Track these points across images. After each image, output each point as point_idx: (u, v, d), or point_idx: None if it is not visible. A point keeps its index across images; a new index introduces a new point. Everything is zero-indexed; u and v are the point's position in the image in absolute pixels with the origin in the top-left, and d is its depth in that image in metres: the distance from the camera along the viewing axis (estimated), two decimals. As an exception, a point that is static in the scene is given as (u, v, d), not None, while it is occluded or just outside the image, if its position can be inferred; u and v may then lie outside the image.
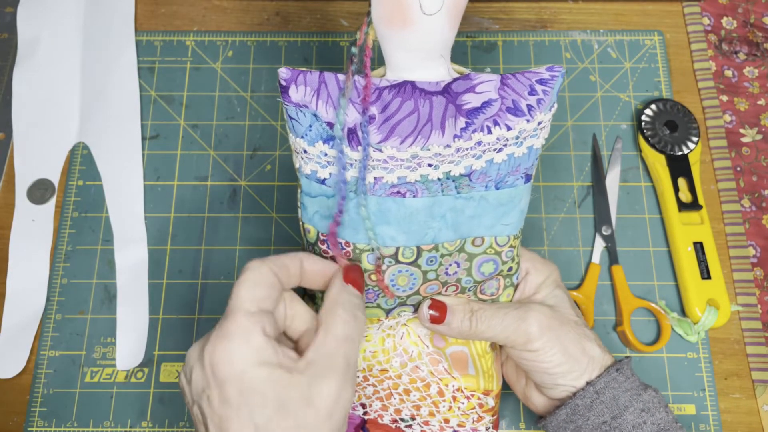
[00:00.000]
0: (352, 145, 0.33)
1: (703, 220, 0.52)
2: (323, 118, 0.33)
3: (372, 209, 0.34)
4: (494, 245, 0.37)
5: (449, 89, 0.33)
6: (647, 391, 0.38)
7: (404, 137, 0.33)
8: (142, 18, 0.61)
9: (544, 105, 0.34)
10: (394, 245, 0.35)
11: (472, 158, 0.34)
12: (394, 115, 0.33)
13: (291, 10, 0.62)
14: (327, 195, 0.35)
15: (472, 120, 0.33)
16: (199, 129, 0.57)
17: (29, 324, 0.51)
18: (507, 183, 0.36)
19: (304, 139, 0.34)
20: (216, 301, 0.52)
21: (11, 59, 0.60)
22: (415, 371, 0.40)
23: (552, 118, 0.35)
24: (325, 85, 0.33)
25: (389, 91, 0.33)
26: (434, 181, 0.34)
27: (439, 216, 0.35)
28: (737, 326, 0.52)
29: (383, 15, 0.32)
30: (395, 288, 0.37)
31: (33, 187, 0.55)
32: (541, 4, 0.61)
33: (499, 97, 0.34)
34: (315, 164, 0.35)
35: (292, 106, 0.33)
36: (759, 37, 0.62)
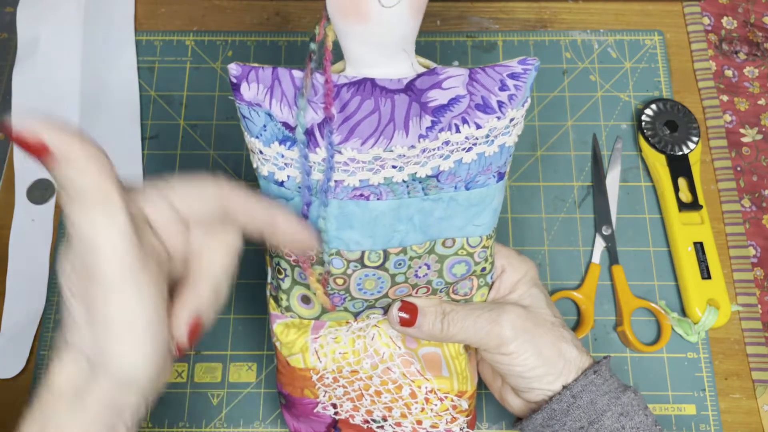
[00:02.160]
0: (311, 148, 0.31)
1: (703, 220, 0.52)
2: (278, 117, 0.31)
3: (334, 213, 0.32)
4: (466, 246, 0.35)
5: (413, 86, 0.31)
6: (626, 394, 0.37)
7: (365, 138, 0.31)
8: (142, 18, 0.61)
9: (516, 101, 0.32)
10: (359, 249, 0.33)
11: (439, 159, 0.32)
12: (354, 115, 0.31)
13: (291, 10, 0.62)
14: (286, 198, 0.33)
15: (439, 118, 0.31)
16: (199, 129, 0.57)
17: (29, 324, 0.51)
18: (478, 183, 0.33)
19: (259, 140, 0.32)
20: (216, 301, 0.52)
21: (11, 59, 0.60)
22: (386, 373, 0.38)
23: (525, 114, 0.33)
24: (279, 83, 0.31)
25: (348, 88, 0.31)
26: (399, 183, 0.32)
27: (406, 219, 0.33)
28: (737, 326, 0.52)
29: (338, 8, 0.29)
30: (362, 292, 0.35)
31: (33, 186, 0.55)
32: (541, 4, 0.61)
33: (467, 93, 0.31)
34: (272, 165, 0.33)
35: (245, 104, 0.31)
36: (759, 36, 0.62)
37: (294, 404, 0.41)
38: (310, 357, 0.39)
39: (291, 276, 0.36)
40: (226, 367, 0.51)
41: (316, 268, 0.34)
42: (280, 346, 0.40)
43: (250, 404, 0.49)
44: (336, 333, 0.39)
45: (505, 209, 0.54)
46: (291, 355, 0.40)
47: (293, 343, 0.39)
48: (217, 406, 0.50)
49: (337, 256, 0.34)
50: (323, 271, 0.34)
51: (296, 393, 0.40)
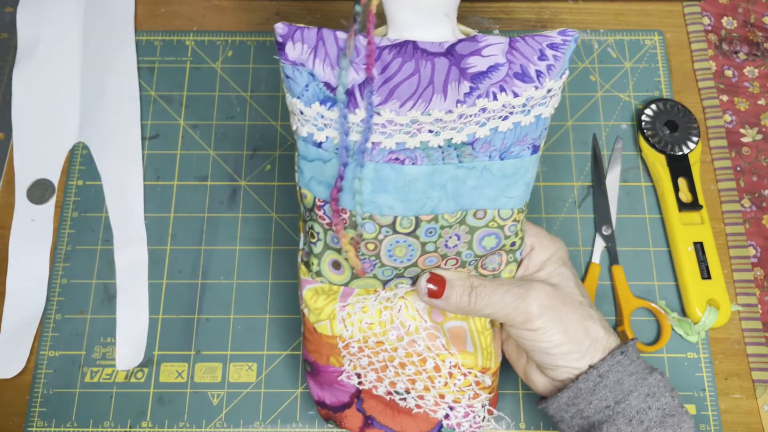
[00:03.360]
0: (350, 108, 0.32)
1: (703, 220, 0.52)
2: (320, 77, 0.32)
3: (369, 176, 0.33)
4: (497, 218, 0.36)
5: (453, 51, 0.31)
6: (653, 375, 0.37)
7: (404, 100, 0.31)
8: (142, 18, 0.61)
9: (555, 71, 0.32)
10: (392, 214, 0.34)
11: (475, 125, 0.32)
12: (394, 77, 0.31)
13: (291, 10, 0.62)
14: (323, 159, 0.34)
15: (477, 85, 0.31)
16: (199, 129, 0.57)
17: (29, 324, 0.51)
18: (512, 153, 0.34)
19: (300, 100, 0.33)
20: (216, 301, 0.52)
21: (11, 59, 0.60)
22: (411, 345, 0.39)
23: (563, 86, 0.33)
24: (323, 43, 0.31)
25: (389, 50, 0.31)
26: (435, 149, 0.33)
27: (439, 185, 0.33)
28: (737, 326, 0.52)
29: None
30: (392, 258, 0.36)
31: (33, 186, 0.55)
32: (541, 4, 0.61)
33: (506, 61, 0.32)
34: (312, 126, 0.33)
35: (289, 64, 0.32)
36: (759, 36, 0.62)
37: (319, 372, 0.41)
38: (338, 325, 0.39)
39: (324, 240, 0.37)
40: (226, 367, 0.51)
41: (349, 231, 0.34)
42: (308, 313, 0.40)
43: (250, 404, 0.49)
44: (364, 302, 0.39)
45: (505, 209, 0.54)
46: (318, 322, 0.40)
47: (321, 310, 0.39)
48: (217, 406, 0.50)
49: (370, 221, 0.34)
50: (355, 235, 0.34)
51: (322, 360, 0.40)
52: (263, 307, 0.52)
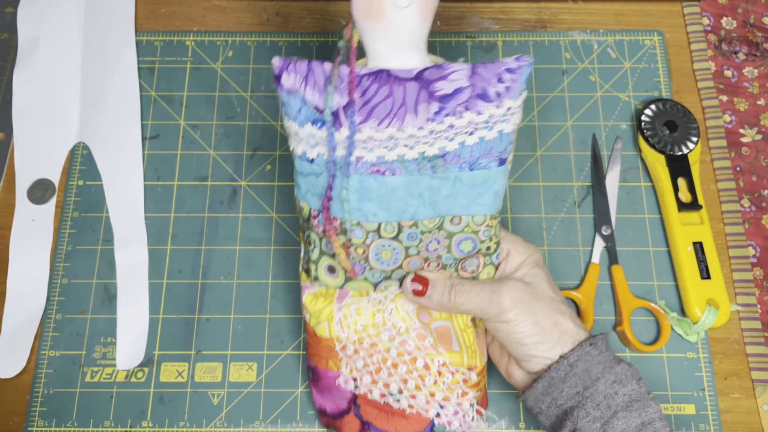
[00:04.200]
0: (335, 127, 0.37)
1: (702, 220, 0.52)
2: (310, 102, 0.37)
3: (355, 186, 0.38)
4: (471, 224, 0.40)
5: (422, 76, 0.36)
6: (620, 365, 0.39)
7: (381, 119, 0.36)
8: (142, 18, 0.61)
9: (513, 92, 0.36)
10: (376, 221, 0.38)
11: (445, 140, 0.37)
12: (372, 99, 0.36)
13: (291, 10, 0.62)
14: (316, 174, 0.39)
15: (445, 105, 0.36)
16: (199, 129, 0.57)
17: (29, 324, 0.51)
18: (480, 165, 0.38)
19: (294, 122, 0.38)
20: (216, 301, 0.52)
21: (11, 59, 0.60)
22: (402, 345, 0.42)
23: (522, 104, 0.37)
24: (313, 73, 0.37)
25: (368, 77, 0.36)
26: (411, 161, 0.37)
27: (416, 194, 0.38)
28: (737, 326, 0.52)
29: (360, 9, 0.35)
30: (379, 262, 0.40)
31: (33, 187, 0.55)
32: (540, 4, 0.61)
33: (470, 84, 0.36)
34: (305, 145, 0.38)
35: (284, 92, 0.37)
36: (759, 37, 0.62)
37: (320, 377, 0.44)
38: (335, 326, 0.43)
39: (319, 247, 0.41)
40: (226, 367, 0.51)
41: (340, 237, 0.39)
42: (309, 317, 0.44)
43: (251, 404, 0.49)
44: (358, 303, 0.43)
45: (505, 209, 0.55)
46: (318, 324, 0.43)
47: (320, 312, 0.43)
48: (217, 406, 0.50)
49: (358, 227, 0.39)
50: (346, 240, 0.39)
51: (322, 364, 0.43)
52: (263, 306, 0.52)
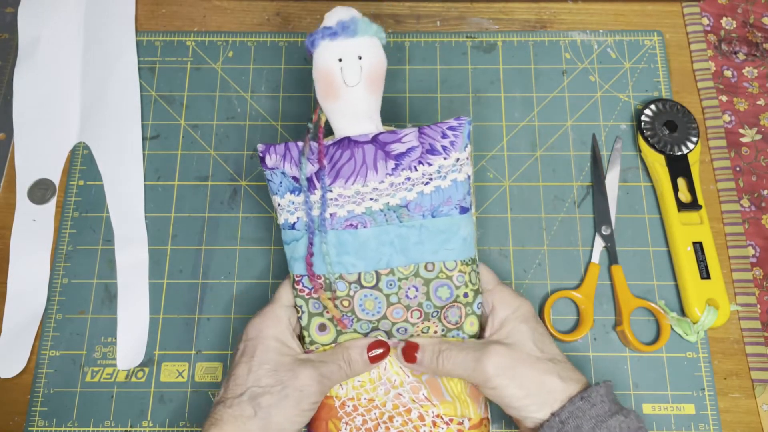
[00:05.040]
0: (310, 190, 0.42)
1: (702, 220, 0.52)
2: (289, 174, 0.43)
3: (333, 241, 0.42)
4: (444, 269, 0.43)
5: (377, 139, 0.42)
6: (614, 417, 0.39)
7: (347, 177, 0.42)
8: (143, 18, 0.61)
9: (457, 146, 0.42)
10: (355, 271, 0.42)
11: (404, 191, 0.42)
12: (338, 162, 0.42)
13: (291, 11, 0.62)
14: (296, 238, 0.43)
15: (400, 162, 0.42)
16: (200, 129, 0.57)
17: (30, 324, 0.51)
18: (442, 212, 0.42)
19: (277, 195, 0.43)
20: (216, 301, 0.52)
21: (12, 59, 0.60)
22: (397, 398, 0.45)
23: (470, 157, 0.42)
24: (289, 151, 0.43)
25: (333, 146, 0.43)
26: (377, 212, 0.42)
27: (387, 242, 0.42)
28: (736, 326, 0.52)
29: (321, 93, 0.42)
30: (365, 312, 0.43)
31: (34, 186, 0.55)
32: (540, 5, 0.61)
33: (419, 143, 0.42)
34: (287, 213, 0.43)
35: (268, 170, 0.43)
36: (758, 37, 0.62)
37: None
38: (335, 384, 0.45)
39: (307, 311, 0.44)
40: (226, 367, 0.51)
41: (326, 293, 0.43)
42: None
43: (251, 404, 0.49)
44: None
45: (504, 209, 0.55)
46: None
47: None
48: (217, 406, 0.50)
49: (340, 279, 0.43)
50: (332, 293, 0.43)
51: (321, 428, 0.45)
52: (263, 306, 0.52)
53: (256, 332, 0.42)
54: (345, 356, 0.43)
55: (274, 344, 0.42)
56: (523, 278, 0.53)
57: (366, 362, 0.44)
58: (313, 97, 0.44)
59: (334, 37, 0.42)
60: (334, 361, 0.43)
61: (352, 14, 0.42)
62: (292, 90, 0.58)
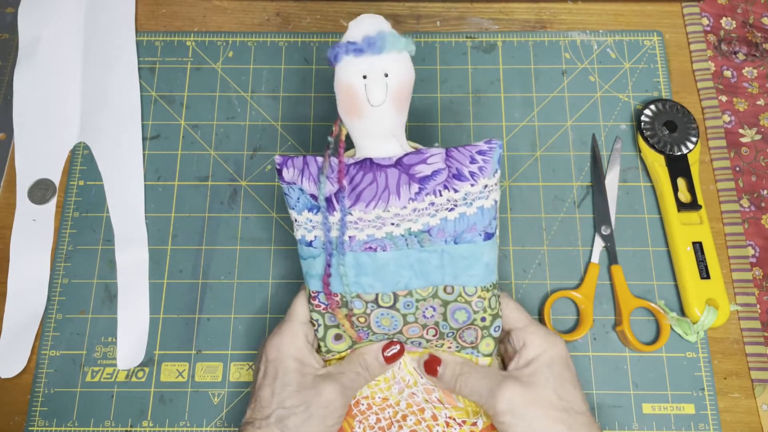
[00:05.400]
0: (329, 211, 0.41)
1: (702, 220, 0.52)
2: (307, 191, 0.41)
3: (351, 263, 0.41)
4: (463, 294, 0.41)
5: (401, 162, 0.40)
6: None
7: (368, 202, 0.40)
8: (143, 18, 0.61)
9: (487, 171, 0.40)
10: (373, 292, 0.41)
11: (427, 216, 0.40)
12: (359, 185, 0.40)
13: (291, 11, 0.62)
14: (314, 256, 0.42)
15: (425, 185, 0.40)
16: (200, 129, 0.57)
17: (30, 324, 0.51)
18: (465, 239, 0.40)
19: (294, 210, 0.42)
20: (216, 301, 0.52)
21: (12, 59, 0.60)
22: (411, 397, 0.45)
23: (498, 181, 0.41)
24: (308, 166, 0.41)
25: (354, 167, 0.40)
26: (398, 237, 0.41)
27: (407, 266, 0.41)
28: (736, 326, 0.52)
29: (343, 109, 0.40)
30: (380, 328, 0.43)
31: (34, 186, 0.55)
32: (540, 5, 0.62)
33: (446, 166, 0.40)
34: (304, 230, 0.42)
35: (285, 184, 0.42)
36: (758, 37, 0.62)
37: None
38: None
39: (323, 324, 0.44)
40: (226, 367, 0.51)
41: (342, 309, 0.42)
42: None
43: (251, 404, 0.50)
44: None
45: (504, 209, 0.55)
46: None
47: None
48: (217, 406, 0.50)
49: (358, 299, 0.42)
50: (348, 311, 0.42)
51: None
52: (264, 306, 0.52)
53: (276, 353, 0.42)
54: (362, 362, 0.43)
55: (294, 365, 0.42)
56: (523, 278, 0.53)
57: (382, 363, 0.44)
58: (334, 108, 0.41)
59: (359, 53, 0.39)
60: (351, 369, 0.43)
61: (380, 27, 0.39)
62: (292, 90, 0.58)
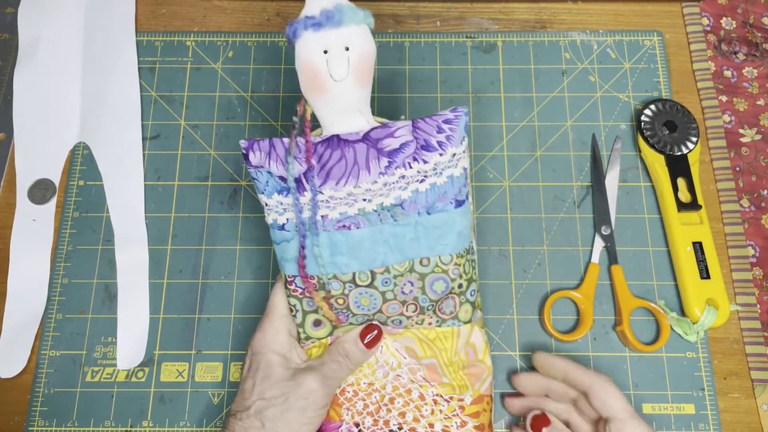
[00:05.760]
0: (300, 192, 0.40)
1: (702, 220, 0.52)
2: (275, 173, 0.41)
3: (325, 243, 0.41)
4: (440, 264, 0.41)
5: (368, 137, 0.40)
6: None
7: (338, 179, 0.40)
8: (143, 18, 0.61)
9: (454, 140, 0.40)
10: (350, 271, 0.41)
11: (399, 190, 0.40)
12: (327, 163, 0.40)
13: (291, 11, 0.62)
14: (287, 239, 0.41)
15: (394, 159, 0.40)
16: (200, 129, 0.57)
17: (30, 324, 0.51)
18: (437, 209, 0.41)
19: (264, 194, 0.41)
20: (216, 301, 0.52)
21: (12, 59, 0.60)
22: (397, 379, 0.45)
23: (466, 149, 0.41)
24: (274, 148, 0.41)
25: (321, 145, 0.40)
26: (371, 213, 0.40)
27: (382, 242, 0.41)
28: (736, 326, 0.52)
29: (306, 86, 0.39)
30: (360, 308, 0.42)
31: (34, 186, 0.55)
32: (540, 5, 0.62)
33: (413, 138, 0.40)
34: (275, 213, 0.41)
35: (252, 168, 0.41)
36: (758, 37, 0.62)
37: (322, 430, 0.45)
38: None
39: (301, 309, 0.43)
40: (226, 367, 0.51)
41: (320, 292, 0.42)
42: None
43: (251, 404, 0.49)
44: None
45: (504, 209, 0.55)
46: None
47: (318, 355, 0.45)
48: (217, 406, 0.50)
49: (335, 279, 0.41)
50: (326, 293, 0.41)
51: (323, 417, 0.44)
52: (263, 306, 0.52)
53: (258, 346, 0.43)
54: (341, 351, 0.43)
55: (276, 358, 0.42)
56: (523, 278, 0.53)
57: (363, 350, 0.44)
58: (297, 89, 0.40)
59: (318, 28, 0.38)
60: (332, 359, 0.43)
61: (337, 1, 0.38)
62: (292, 90, 0.58)
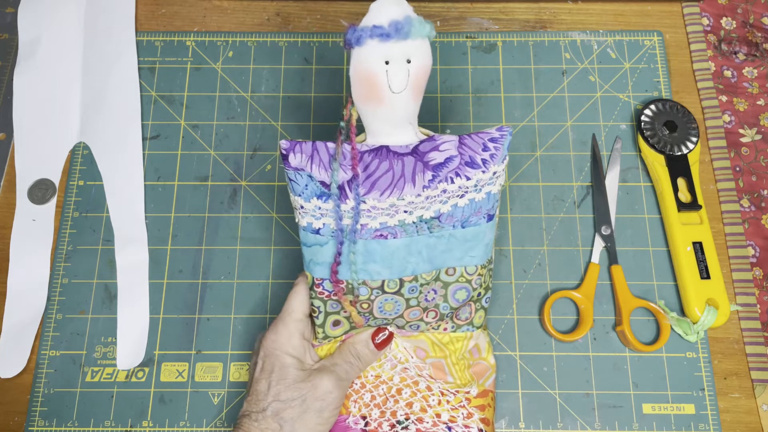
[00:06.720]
0: (342, 199, 0.40)
1: (702, 220, 0.52)
2: (317, 178, 0.40)
3: (360, 250, 0.41)
4: (464, 274, 0.42)
5: (417, 150, 0.40)
6: None
7: (383, 190, 0.40)
8: (143, 18, 0.61)
9: (497, 159, 0.41)
10: (380, 278, 0.41)
11: (439, 203, 0.41)
12: (374, 173, 0.40)
13: (291, 11, 0.62)
14: (321, 243, 0.41)
15: (438, 173, 0.40)
16: (200, 129, 0.57)
17: (30, 324, 0.51)
18: (471, 222, 0.41)
19: (301, 197, 0.41)
20: (216, 301, 0.52)
21: (12, 59, 0.60)
22: (404, 371, 0.46)
23: (506, 167, 0.42)
24: (317, 152, 0.40)
25: (369, 154, 0.40)
26: (410, 224, 0.41)
27: (416, 252, 0.41)
28: (736, 326, 0.52)
29: (361, 95, 0.39)
30: (382, 313, 0.43)
31: (34, 187, 0.55)
32: (540, 5, 0.61)
33: (458, 153, 0.40)
34: (311, 217, 0.41)
35: (291, 170, 0.40)
36: (758, 37, 0.62)
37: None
38: None
39: (324, 311, 0.43)
40: (226, 367, 0.51)
41: (348, 296, 0.42)
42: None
43: (251, 404, 0.49)
44: None
45: (504, 209, 0.55)
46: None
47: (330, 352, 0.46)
48: (217, 406, 0.50)
49: (363, 285, 0.42)
50: (353, 297, 0.42)
51: None
52: (263, 306, 0.52)
53: (272, 348, 0.43)
54: (353, 352, 0.44)
55: (290, 360, 0.42)
56: (523, 278, 0.53)
57: (374, 351, 0.45)
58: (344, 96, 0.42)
59: (386, 39, 0.37)
60: (344, 360, 0.44)
61: (406, 12, 0.37)
62: (292, 90, 0.58)
